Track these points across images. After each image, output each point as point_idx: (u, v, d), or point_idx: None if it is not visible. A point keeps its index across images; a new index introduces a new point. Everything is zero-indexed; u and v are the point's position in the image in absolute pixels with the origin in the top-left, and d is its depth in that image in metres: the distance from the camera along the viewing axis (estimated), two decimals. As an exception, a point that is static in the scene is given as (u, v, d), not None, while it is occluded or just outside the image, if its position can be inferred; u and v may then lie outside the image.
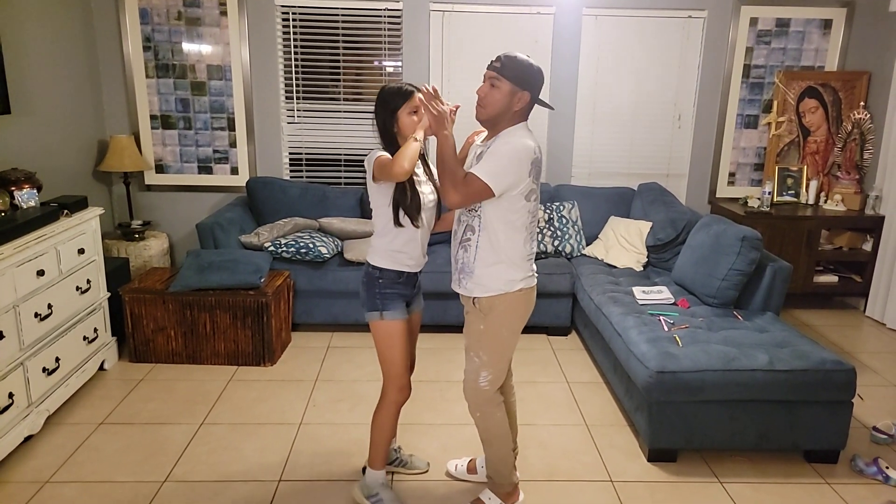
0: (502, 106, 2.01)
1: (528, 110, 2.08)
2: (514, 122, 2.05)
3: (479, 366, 2.16)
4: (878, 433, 2.84)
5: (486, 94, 2.02)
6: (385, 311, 2.16)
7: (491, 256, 2.07)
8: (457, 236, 2.16)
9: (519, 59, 2.01)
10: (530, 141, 2.01)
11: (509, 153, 1.97)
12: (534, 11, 4.29)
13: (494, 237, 2.05)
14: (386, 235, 2.15)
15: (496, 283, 2.09)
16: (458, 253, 2.15)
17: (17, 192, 2.93)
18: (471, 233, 2.09)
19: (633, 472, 2.60)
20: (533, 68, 2.04)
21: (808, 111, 4.50)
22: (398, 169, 1.95)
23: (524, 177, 1.99)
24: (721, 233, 3.22)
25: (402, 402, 2.27)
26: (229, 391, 3.17)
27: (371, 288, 2.17)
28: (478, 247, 2.08)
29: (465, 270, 2.13)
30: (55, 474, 2.49)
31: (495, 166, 1.96)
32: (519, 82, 2.00)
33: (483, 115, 2.05)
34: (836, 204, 4.39)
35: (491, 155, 1.99)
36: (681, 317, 3.03)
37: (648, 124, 4.53)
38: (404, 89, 2.11)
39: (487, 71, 2.04)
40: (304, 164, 4.52)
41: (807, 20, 4.39)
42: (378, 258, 2.17)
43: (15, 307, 2.55)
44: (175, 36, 4.20)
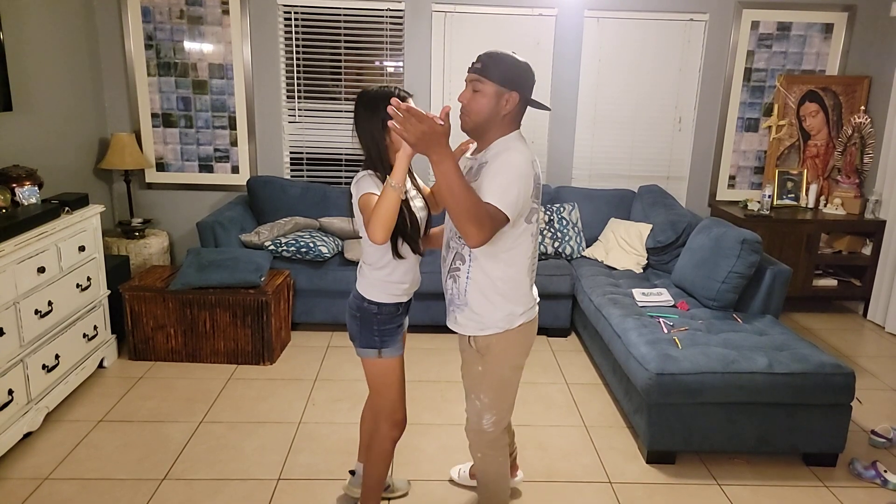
0: (489, 111, 1.74)
1: (521, 114, 1.81)
2: (506, 128, 1.79)
3: (482, 409, 1.94)
4: (876, 437, 2.85)
5: (469, 99, 1.75)
6: (384, 349, 1.95)
7: (486, 288, 1.81)
8: (445, 263, 1.90)
9: (502, 56, 1.74)
10: (529, 153, 1.77)
11: (513, 173, 1.69)
12: (536, 13, 4.29)
13: (489, 267, 1.80)
14: (384, 268, 1.91)
15: (493, 320, 1.84)
16: (447, 283, 1.90)
17: (18, 189, 2.93)
18: (460, 262, 1.83)
19: (632, 474, 2.60)
20: (519, 65, 1.76)
21: (809, 115, 4.51)
22: (374, 238, 1.68)
23: (528, 196, 1.75)
24: (721, 236, 3.22)
25: (398, 437, 2.08)
26: (229, 390, 3.17)
27: (367, 325, 1.94)
28: (469, 278, 1.82)
29: (456, 303, 1.88)
30: (54, 471, 2.49)
31: (508, 192, 1.67)
32: (504, 82, 1.73)
33: (469, 123, 1.78)
34: (836, 208, 4.40)
35: (498, 177, 1.69)
36: (680, 319, 3.04)
37: (649, 127, 4.54)
38: (396, 93, 1.81)
39: (468, 74, 1.76)
40: (305, 164, 4.52)
41: (808, 24, 4.40)
42: (375, 292, 1.93)
43: (15, 304, 2.55)
44: (177, 34, 4.21)
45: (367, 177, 1.84)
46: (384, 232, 1.68)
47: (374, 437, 2.08)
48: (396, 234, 1.84)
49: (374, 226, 1.68)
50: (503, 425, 2.00)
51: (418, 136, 1.57)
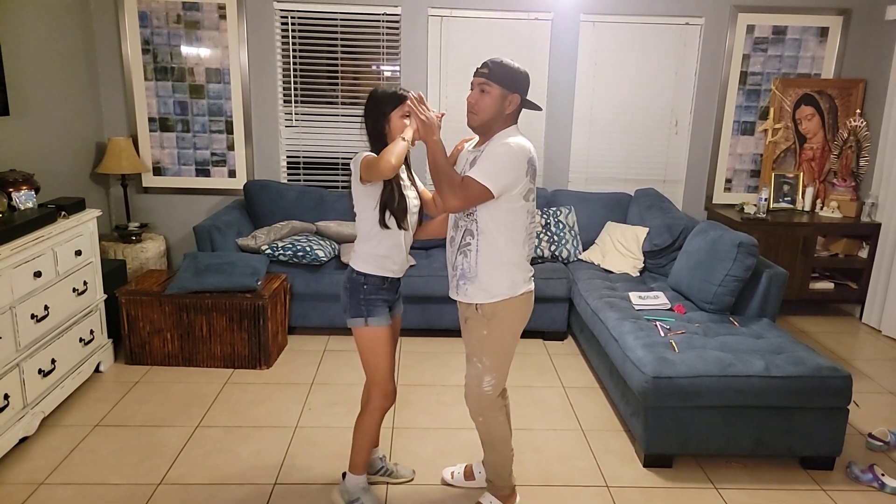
0: (494, 110, 2.04)
1: (518, 113, 2.11)
2: (506, 125, 2.08)
3: (483, 371, 2.17)
4: (873, 440, 2.85)
5: (476, 100, 2.04)
6: (370, 318, 2.15)
7: (493, 260, 2.07)
8: (454, 242, 2.15)
9: (505, 63, 2.05)
10: (525, 141, 2.04)
11: (505, 153, 1.99)
12: (532, 17, 4.30)
13: (494, 240, 2.06)
14: (371, 240, 2.14)
15: (500, 288, 2.09)
16: (458, 259, 2.14)
17: (14, 194, 2.93)
18: (470, 237, 2.09)
19: (629, 478, 2.60)
20: (520, 71, 2.07)
21: (805, 118, 4.52)
22: (384, 164, 1.94)
23: (522, 176, 2.01)
24: (717, 239, 3.23)
25: (387, 407, 2.27)
26: (225, 394, 3.16)
27: (355, 294, 2.15)
28: (478, 251, 2.08)
29: (467, 276, 2.12)
30: (50, 476, 2.48)
31: (492, 167, 1.98)
32: (508, 85, 2.03)
33: (476, 121, 2.07)
34: (833, 211, 4.41)
35: (486, 157, 2.01)
36: (677, 322, 3.04)
37: (645, 130, 4.55)
38: (398, 93, 2.12)
39: (476, 78, 2.06)
40: (302, 168, 4.52)
41: (803, 28, 4.42)
42: (362, 263, 2.16)
43: (11, 308, 2.54)
44: (174, 39, 4.21)
45: (365, 152, 2.10)
46: (396, 160, 1.94)
47: (365, 407, 2.26)
48: (385, 207, 2.09)
49: (386, 155, 1.95)
50: (500, 388, 2.21)
51: (425, 116, 1.98)
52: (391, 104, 2.10)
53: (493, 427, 2.24)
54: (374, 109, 2.12)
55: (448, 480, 2.52)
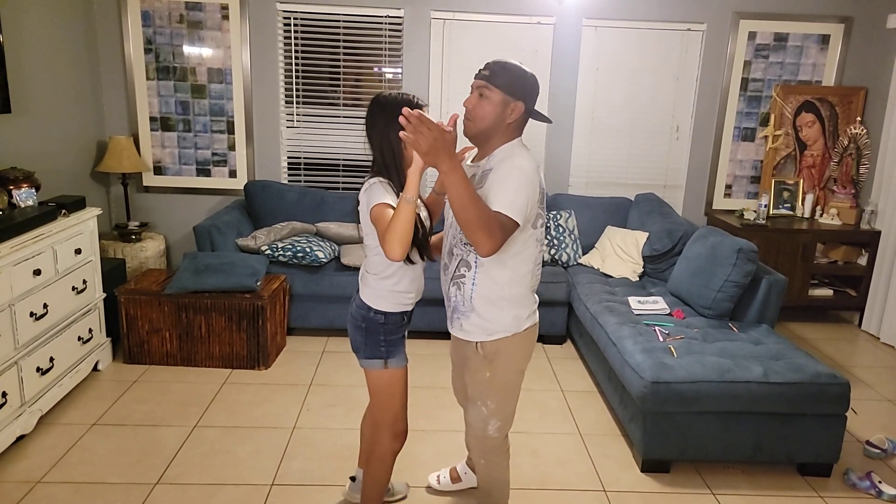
0: (494, 118, 1.76)
1: (524, 124, 1.83)
2: (509, 137, 1.81)
3: (488, 415, 1.94)
4: (871, 447, 2.85)
5: (475, 105, 1.77)
6: (390, 360, 1.92)
7: (493, 294, 1.82)
8: (447, 271, 1.90)
9: (510, 65, 1.78)
10: (532, 160, 1.79)
11: (521, 179, 1.71)
12: (534, 21, 4.31)
13: (496, 273, 1.81)
14: (390, 277, 1.88)
15: (502, 324, 1.85)
16: (451, 290, 1.89)
17: (15, 191, 2.93)
18: (465, 268, 1.83)
19: (627, 483, 2.60)
20: (526, 75, 1.79)
21: (805, 125, 4.53)
22: (390, 255, 1.64)
23: (535, 203, 1.77)
24: (717, 244, 3.23)
25: (398, 449, 2.06)
26: (223, 394, 3.16)
27: (374, 335, 1.91)
28: (475, 285, 1.82)
29: (460, 310, 1.88)
30: (47, 474, 2.48)
31: (515, 196, 1.68)
32: (511, 91, 1.76)
33: (473, 129, 1.80)
34: (832, 218, 4.42)
35: (502, 184, 1.70)
36: (676, 327, 3.04)
37: (646, 135, 4.56)
38: (412, 100, 1.80)
39: (475, 80, 1.79)
40: (303, 169, 4.53)
41: (805, 35, 4.43)
42: (381, 302, 1.90)
43: (10, 306, 2.54)
44: (176, 39, 4.22)
45: (378, 185, 1.79)
46: (402, 248, 1.64)
47: (375, 449, 2.05)
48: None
49: (392, 242, 1.64)
50: (507, 430, 2.00)
51: (430, 144, 1.57)
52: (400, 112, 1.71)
53: (495, 471, 2.05)
54: (380, 118, 1.80)
55: (435, 486, 2.47)
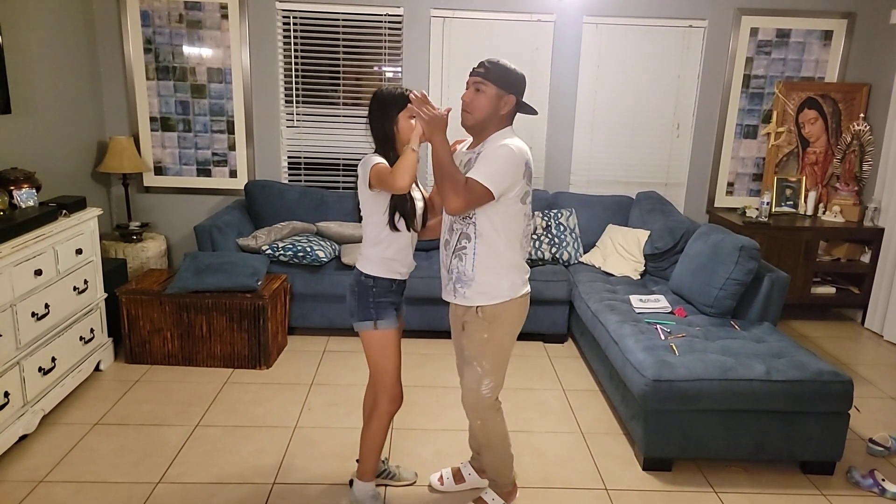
0: (489, 110, 2.02)
1: (514, 115, 2.09)
2: (501, 126, 2.07)
3: (482, 375, 2.16)
4: (874, 445, 2.84)
5: (471, 99, 2.03)
6: (379, 321, 2.13)
7: (491, 262, 2.06)
8: (449, 246, 2.13)
9: (502, 63, 2.04)
10: (521, 143, 2.03)
11: (504, 155, 1.97)
12: (534, 19, 4.30)
13: (493, 243, 2.05)
14: (379, 244, 2.12)
15: (500, 290, 2.09)
16: (452, 262, 2.13)
17: (16, 192, 2.93)
18: (466, 240, 2.07)
19: (628, 481, 2.59)
20: (516, 72, 2.05)
21: (808, 122, 4.51)
22: (400, 183, 1.94)
23: (519, 179, 2.00)
24: (719, 242, 3.22)
25: (395, 411, 2.26)
26: (225, 394, 3.16)
27: (364, 297, 2.14)
28: (475, 254, 2.06)
29: (463, 279, 2.10)
30: (49, 474, 2.48)
31: (492, 169, 1.96)
32: (504, 86, 2.02)
33: (470, 120, 2.06)
34: (835, 215, 4.40)
35: (485, 159, 1.99)
36: (678, 326, 3.03)
37: (647, 133, 4.54)
38: (404, 93, 2.09)
39: (471, 77, 2.05)
40: (303, 168, 4.53)
41: (807, 31, 4.41)
42: (371, 266, 2.14)
43: (12, 306, 2.54)
44: (176, 38, 4.21)
45: (373, 156, 2.07)
46: (409, 177, 1.94)
47: (373, 413, 2.24)
48: (395, 209, 2.07)
49: (401, 173, 1.93)
50: (498, 391, 2.21)
51: (430, 116, 1.94)
52: (397, 105, 2.07)
53: (492, 427, 2.24)
54: (379, 111, 2.09)
55: (438, 487, 2.48)
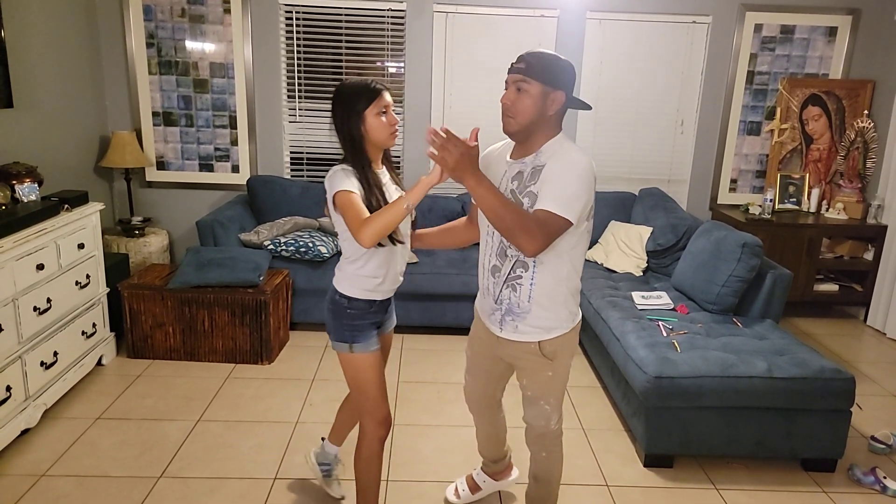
0: (535, 112, 1.70)
1: (563, 114, 1.77)
2: (552, 130, 1.76)
3: (551, 412, 1.96)
4: (876, 443, 2.84)
5: (513, 101, 1.70)
6: (354, 344, 1.91)
7: (552, 290, 1.79)
8: (499, 273, 1.83)
9: (545, 54, 1.70)
10: (584, 154, 1.72)
11: (576, 175, 1.66)
12: (537, 14, 4.29)
13: (556, 270, 1.77)
14: (356, 260, 1.89)
15: (560, 320, 1.83)
16: (503, 293, 1.83)
17: (18, 186, 2.93)
18: (523, 269, 1.78)
19: (629, 477, 2.59)
20: (562, 63, 1.72)
21: (812, 119, 4.49)
22: (364, 240, 1.66)
23: (592, 196, 1.72)
24: (722, 239, 3.21)
25: (384, 436, 2.01)
26: (226, 388, 3.17)
27: (339, 318, 1.92)
28: (533, 285, 1.78)
29: (515, 312, 1.82)
30: (51, 468, 2.49)
31: (567, 194, 1.64)
32: (550, 81, 1.68)
33: (514, 125, 1.72)
34: (838, 212, 4.38)
35: (553, 182, 1.67)
36: (680, 322, 3.03)
37: (651, 129, 4.53)
38: (371, 86, 1.81)
39: (510, 75, 1.72)
40: (305, 164, 4.52)
41: (812, 27, 4.39)
42: (346, 285, 1.91)
43: (14, 300, 2.55)
44: (178, 33, 4.21)
45: (339, 172, 1.81)
46: (376, 240, 1.68)
47: (361, 440, 2.02)
48: None
49: (370, 232, 1.67)
50: (562, 420, 2.04)
51: (456, 160, 1.59)
52: (364, 100, 1.80)
53: (556, 461, 2.05)
54: (343, 107, 1.82)
55: (453, 500, 2.38)
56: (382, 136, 1.85)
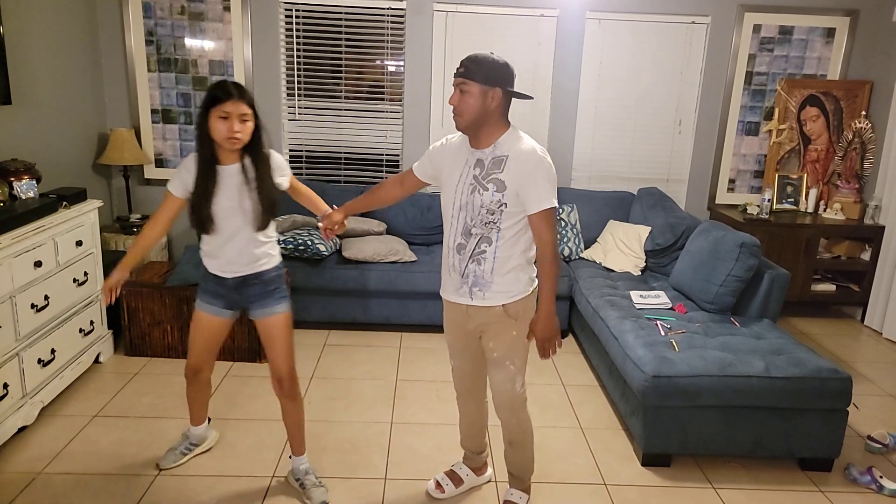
0: (478, 109, 1.96)
1: (507, 106, 2.03)
2: (499, 122, 2.01)
3: (515, 373, 2.16)
4: (872, 442, 2.84)
5: (458, 101, 1.98)
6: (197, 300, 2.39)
7: (510, 263, 2.06)
8: (465, 250, 2.07)
9: (481, 57, 1.96)
10: (536, 143, 2.02)
11: (544, 170, 1.96)
12: (537, 14, 4.29)
13: (514, 244, 2.04)
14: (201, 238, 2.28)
15: (520, 286, 2.09)
16: (469, 267, 2.08)
17: (16, 183, 2.93)
18: (486, 244, 2.04)
19: (627, 476, 2.60)
20: (498, 63, 1.97)
21: (810, 119, 4.50)
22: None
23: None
24: (720, 239, 3.22)
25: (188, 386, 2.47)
26: (224, 386, 3.16)
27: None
28: (495, 258, 2.04)
29: (481, 283, 2.07)
30: (48, 466, 2.48)
31: (546, 188, 1.96)
32: (487, 81, 1.94)
33: (462, 122, 2.00)
34: (836, 213, 4.40)
35: (534, 180, 1.95)
36: (678, 322, 3.03)
37: (649, 129, 4.53)
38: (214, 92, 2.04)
39: (455, 79, 1.99)
40: (304, 162, 4.52)
41: (810, 28, 4.40)
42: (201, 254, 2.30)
43: (11, 297, 2.54)
44: (178, 30, 4.20)
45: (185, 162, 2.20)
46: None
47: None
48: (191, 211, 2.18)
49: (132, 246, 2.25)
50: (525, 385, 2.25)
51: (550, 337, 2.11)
52: (208, 103, 2.03)
53: (525, 423, 2.26)
54: (202, 105, 2.07)
55: (439, 496, 2.41)
56: (218, 137, 2.07)
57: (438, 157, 2.15)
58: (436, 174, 2.18)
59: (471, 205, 2.02)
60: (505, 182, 1.96)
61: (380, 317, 3.86)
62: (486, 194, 1.99)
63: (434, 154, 2.17)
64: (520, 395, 2.20)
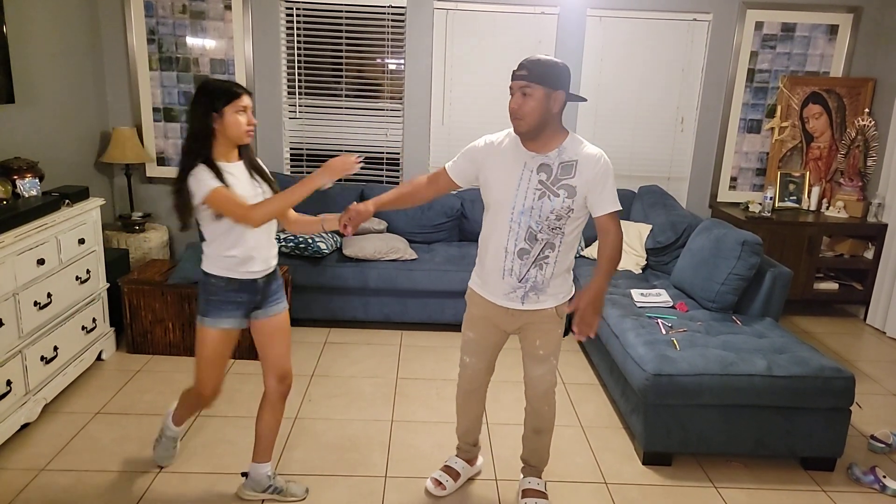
0: (541, 112, 1.93)
1: (563, 108, 2.02)
2: (559, 126, 2.02)
3: (554, 366, 2.27)
4: (875, 442, 2.84)
5: (520, 105, 1.93)
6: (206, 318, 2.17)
7: (564, 266, 2.14)
8: (528, 255, 2.07)
9: (543, 60, 1.94)
10: (598, 149, 2.05)
11: (612, 176, 2.04)
12: (538, 11, 4.28)
13: (572, 248, 2.13)
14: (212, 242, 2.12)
15: (568, 286, 2.20)
16: (530, 272, 2.09)
17: (19, 181, 2.94)
18: (550, 250, 2.07)
19: (628, 475, 2.59)
20: (559, 65, 1.96)
21: (812, 117, 4.49)
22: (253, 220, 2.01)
23: None
24: (721, 237, 3.21)
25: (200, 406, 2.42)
26: (225, 384, 3.13)
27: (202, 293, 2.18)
28: (556, 263, 2.09)
29: (539, 287, 2.12)
30: (51, 462, 2.49)
31: (614, 192, 2.04)
32: (550, 83, 1.92)
33: (523, 126, 1.96)
34: (839, 211, 4.38)
35: (604, 185, 2.01)
36: (679, 320, 3.03)
37: (651, 127, 4.52)
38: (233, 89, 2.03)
39: (514, 82, 1.95)
40: (305, 160, 4.52)
41: (813, 25, 4.38)
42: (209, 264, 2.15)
43: (14, 295, 2.55)
44: (179, 29, 4.21)
45: (202, 171, 1.99)
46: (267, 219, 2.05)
47: (190, 391, 2.32)
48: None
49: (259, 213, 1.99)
50: None
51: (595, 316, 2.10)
52: (224, 99, 2.00)
53: (553, 409, 2.33)
54: (202, 104, 2.01)
55: (440, 493, 2.40)
56: (238, 131, 2.04)
57: (482, 158, 2.09)
58: (475, 176, 2.13)
59: (537, 210, 2.01)
60: (576, 188, 2.00)
61: (380, 315, 3.86)
62: (556, 200, 1.99)
63: (476, 155, 2.11)
64: (554, 384, 2.30)
